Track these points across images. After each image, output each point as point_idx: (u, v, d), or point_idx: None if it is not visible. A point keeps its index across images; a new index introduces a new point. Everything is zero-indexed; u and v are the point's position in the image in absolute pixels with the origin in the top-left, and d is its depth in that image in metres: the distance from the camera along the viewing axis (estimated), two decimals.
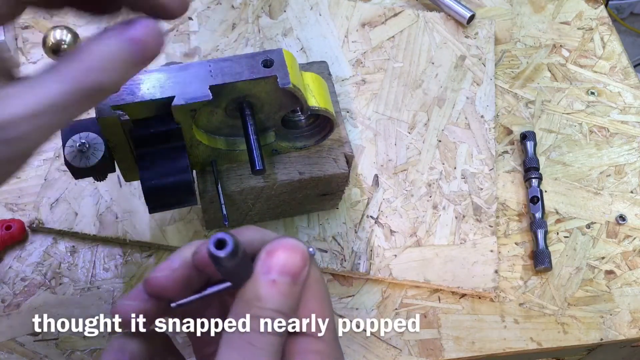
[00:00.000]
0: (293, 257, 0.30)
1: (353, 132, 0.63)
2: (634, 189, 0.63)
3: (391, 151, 0.62)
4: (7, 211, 0.57)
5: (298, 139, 0.52)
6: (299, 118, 0.51)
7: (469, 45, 0.71)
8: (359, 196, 0.59)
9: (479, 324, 0.54)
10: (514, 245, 0.58)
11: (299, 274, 0.30)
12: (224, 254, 0.27)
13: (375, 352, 0.52)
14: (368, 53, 0.70)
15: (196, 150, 0.48)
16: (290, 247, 0.30)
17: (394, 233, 0.57)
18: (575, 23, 0.76)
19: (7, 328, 0.52)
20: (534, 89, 0.69)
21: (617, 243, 0.59)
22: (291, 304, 0.30)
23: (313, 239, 0.56)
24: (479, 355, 0.53)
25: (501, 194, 0.61)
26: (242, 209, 0.53)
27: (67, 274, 0.55)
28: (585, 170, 0.64)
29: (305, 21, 0.72)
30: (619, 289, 0.57)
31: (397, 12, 0.73)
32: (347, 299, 0.55)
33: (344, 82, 0.67)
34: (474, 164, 0.62)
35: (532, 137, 0.64)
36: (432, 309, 0.55)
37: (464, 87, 0.67)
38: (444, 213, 0.59)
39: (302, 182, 0.52)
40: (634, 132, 0.67)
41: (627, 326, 0.55)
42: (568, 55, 0.73)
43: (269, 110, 0.47)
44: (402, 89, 0.67)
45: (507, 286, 0.56)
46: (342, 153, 0.53)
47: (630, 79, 0.71)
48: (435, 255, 0.56)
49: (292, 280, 0.30)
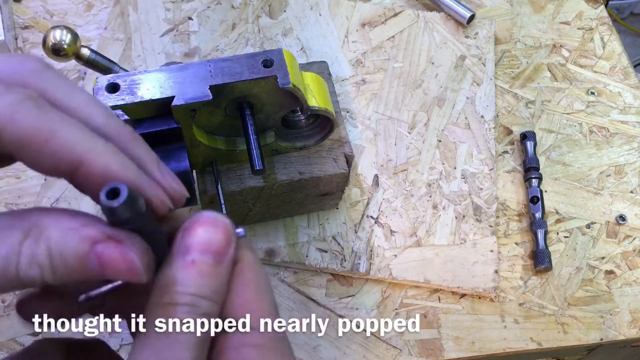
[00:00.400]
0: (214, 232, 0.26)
1: (353, 132, 0.63)
2: (634, 189, 0.63)
3: (391, 151, 0.62)
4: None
5: (298, 139, 0.52)
6: (299, 118, 0.51)
7: (469, 45, 0.71)
8: (359, 196, 0.59)
9: (479, 324, 0.54)
10: (514, 245, 0.58)
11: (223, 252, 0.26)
12: (117, 203, 0.24)
13: (375, 352, 0.52)
14: (368, 53, 0.70)
15: (196, 150, 0.48)
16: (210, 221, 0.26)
17: (394, 233, 0.57)
18: (575, 23, 0.76)
19: (7, 328, 0.52)
20: (534, 89, 0.69)
21: (617, 243, 0.59)
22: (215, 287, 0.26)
23: (313, 239, 0.56)
24: (479, 355, 0.53)
25: (501, 194, 0.61)
26: (242, 209, 0.53)
27: None
28: (585, 170, 0.64)
29: (305, 21, 0.72)
30: (619, 289, 0.57)
31: (397, 12, 0.73)
32: (347, 299, 0.55)
33: (344, 82, 0.67)
34: (474, 164, 0.62)
35: (532, 137, 0.64)
36: (432, 309, 0.55)
37: (464, 87, 0.67)
38: (444, 213, 0.59)
39: (302, 182, 0.52)
40: (634, 132, 0.67)
41: (627, 326, 0.55)
42: (568, 55, 0.73)
43: (269, 110, 0.47)
44: (402, 89, 0.67)
45: (507, 286, 0.56)
46: (342, 153, 0.53)
47: (630, 79, 0.71)
48: (435, 255, 0.56)
49: (215, 260, 0.26)
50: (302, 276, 0.56)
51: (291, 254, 0.55)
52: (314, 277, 0.56)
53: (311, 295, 0.55)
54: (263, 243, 0.56)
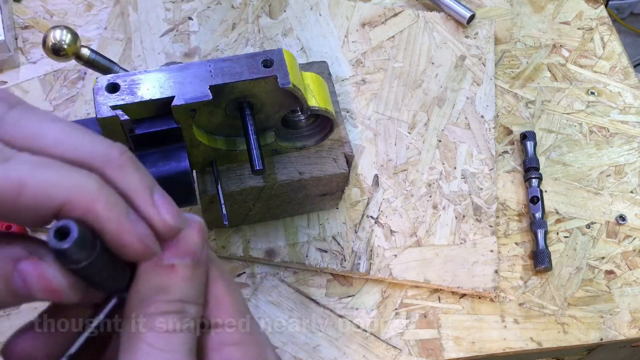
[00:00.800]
0: (189, 233, 0.25)
1: (353, 132, 0.63)
2: (634, 189, 0.63)
3: (391, 151, 0.62)
4: None
5: (298, 139, 0.52)
6: (299, 118, 0.51)
7: (469, 45, 0.71)
8: (359, 196, 0.59)
9: (479, 324, 0.54)
10: (514, 245, 0.58)
11: (200, 252, 0.25)
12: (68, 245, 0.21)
13: (375, 352, 0.52)
14: (368, 53, 0.70)
15: (196, 150, 0.48)
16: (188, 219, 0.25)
17: (394, 233, 0.57)
18: (575, 23, 0.76)
19: (7, 328, 0.52)
20: (534, 89, 0.70)
21: (617, 243, 0.59)
22: (197, 289, 0.25)
23: (313, 239, 0.56)
24: (479, 355, 0.53)
25: (501, 194, 0.61)
26: (242, 208, 0.53)
27: None
28: (585, 170, 0.64)
29: (305, 21, 0.72)
30: (619, 289, 0.57)
31: (397, 12, 0.73)
32: (347, 299, 0.55)
33: (344, 82, 0.67)
34: (474, 164, 0.62)
35: (532, 137, 0.64)
36: (432, 309, 0.55)
37: (464, 87, 0.67)
38: (444, 213, 0.59)
39: (302, 182, 0.52)
40: (634, 132, 0.67)
41: (627, 326, 0.55)
42: (568, 55, 0.73)
43: (269, 110, 0.47)
44: (402, 89, 0.67)
45: (507, 286, 0.56)
46: (342, 153, 0.53)
47: (630, 79, 0.71)
48: (435, 255, 0.56)
49: (194, 262, 0.25)
50: (302, 276, 0.56)
51: (291, 254, 0.55)
52: (314, 277, 0.56)
53: (311, 295, 0.55)
54: (263, 243, 0.56)
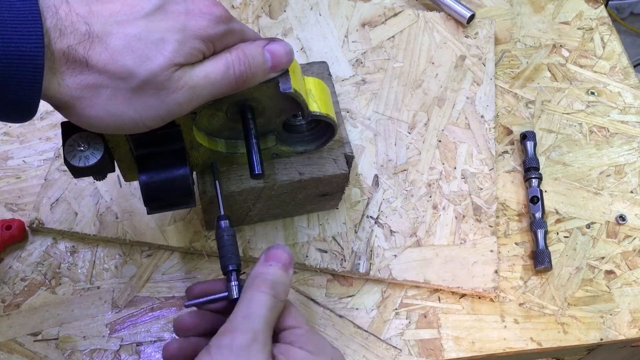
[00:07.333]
0: (281, 252, 0.43)
1: (353, 132, 0.63)
2: (634, 189, 0.63)
3: (391, 151, 0.62)
4: (7, 211, 0.57)
5: (299, 143, 0.52)
6: (300, 123, 0.51)
7: (469, 45, 0.71)
8: (359, 196, 0.59)
9: (479, 324, 0.54)
10: (514, 245, 0.58)
11: (287, 265, 0.42)
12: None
13: (375, 352, 0.52)
14: (368, 53, 0.70)
15: (196, 152, 0.48)
16: (280, 247, 0.43)
17: (394, 233, 0.57)
18: (575, 23, 0.76)
19: (7, 328, 0.52)
20: (534, 89, 0.70)
21: (617, 243, 0.59)
22: (283, 281, 0.41)
23: (313, 239, 0.56)
24: (479, 355, 0.53)
25: (501, 194, 0.61)
26: (242, 209, 0.53)
27: (67, 274, 0.55)
28: (585, 170, 0.64)
29: (305, 21, 0.72)
30: (619, 289, 0.57)
31: (397, 12, 0.73)
32: (347, 299, 0.55)
33: (344, 82, 0.67)
34: (474, 164, 0.62)
35: (532, 137, 0.64)
36: (432, 309, 0.55)
37: (464, 87, 0.67)
38: (444, 213, 0.59)
39: (302, 182, 0.52)
40: (634, 132, 0.67)
41: (627, 326, 0.55)
42: (568, 55, 0.73)
43: (270, 114, 0.47)
44: (402, 89, 0.67)
45: (507, 286, 0.56)
46: (342, 153, 0.53)
47: (630, 79, 0.71)
48: (435, 255, 0.56)
49: (282, 265, 0.42)
50: (302, 276, 0.56)
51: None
52: (314, 277, 0.56)
53: (311, 295, 0.55)
54: (263, 243, 0.56)
